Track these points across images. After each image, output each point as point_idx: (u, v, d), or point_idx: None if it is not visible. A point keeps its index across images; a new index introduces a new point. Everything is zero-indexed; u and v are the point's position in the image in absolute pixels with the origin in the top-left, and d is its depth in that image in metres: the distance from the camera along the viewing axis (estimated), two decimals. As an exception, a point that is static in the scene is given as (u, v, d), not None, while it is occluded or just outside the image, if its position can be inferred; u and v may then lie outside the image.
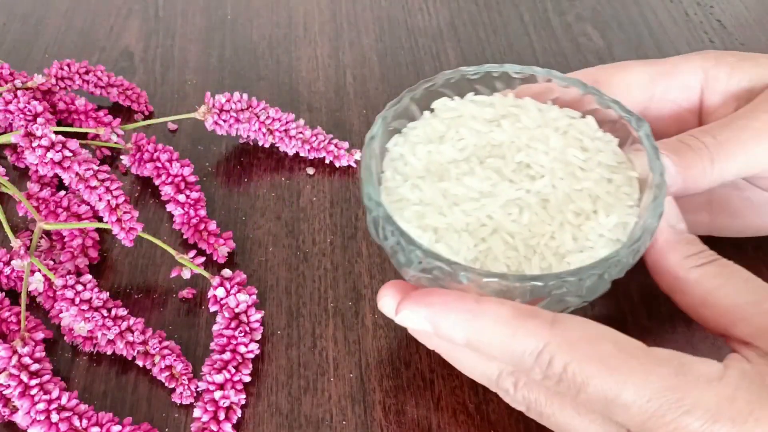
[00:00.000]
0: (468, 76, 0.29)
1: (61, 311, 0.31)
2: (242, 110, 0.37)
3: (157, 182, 0.35)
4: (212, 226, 0.34)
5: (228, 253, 0.34)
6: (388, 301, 0.24)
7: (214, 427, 0.28)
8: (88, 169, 0.31)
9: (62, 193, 0.34)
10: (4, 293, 0.31)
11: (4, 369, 0.27)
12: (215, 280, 0.31)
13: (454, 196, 0.25)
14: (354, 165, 0.38)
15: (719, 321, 0.23)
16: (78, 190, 0.31)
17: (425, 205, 0.25)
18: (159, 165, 0.35)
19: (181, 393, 0.29)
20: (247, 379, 0.29)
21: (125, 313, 0.30)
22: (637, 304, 0.33)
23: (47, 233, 0.33)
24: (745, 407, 0.20)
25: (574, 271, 0.23)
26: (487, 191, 0.25)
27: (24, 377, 0.27)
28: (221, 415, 0.28)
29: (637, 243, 0.24)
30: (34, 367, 0.28)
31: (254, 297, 0.31)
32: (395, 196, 0.26)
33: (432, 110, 0.29)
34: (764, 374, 0.21)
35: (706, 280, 0.24)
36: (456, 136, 0.27)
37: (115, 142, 0.36)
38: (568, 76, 0.29)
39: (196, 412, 0.28)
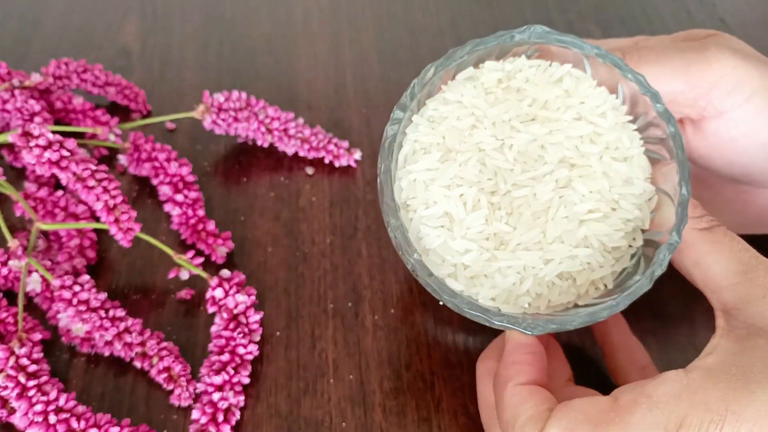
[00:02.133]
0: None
1: (58, 312, 0.30)
2: (241, 109, 0.37)
3: (155, 182, 0.35)
4: (211, 226, 0.34)
5: (226, 253, 0.34)
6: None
7: (212, 429, 0.27)
8: (86, 169, 0.31)
9: (60, 192, 0.34)
10: (1, 294, 0.31)
11: (2, 370, 0.27)
12: (214, 281, 0.31)
13: (533, 238, 0.24)
14: (354, 165, 0.38)
15: (708, 284, 0.24)
16: (75, 189, 0.31)
17: (529, 270, 0.24)
18: (157, 164, 0.35)
19: (180, 394, 0.29)
20: (246, 380, 0.29)
21: (123, 314, 0.30)
22: (641, 306, 0.32)
23: (45, 233, 0.33)
24: (719, 405, 0.20)
25: (565, 318, 0.24)
26: (540, 207, 0.24)
27: (22, 378, 0.27)
28: (220, 417, 0.28)
29: (631, 289, 0.24)
30: (32, 368, 0.28)
31: (253, 298, 0.31)
32: (503, 295, 0.24)
33: (402, 205, 0.25)
34: (729, 363, 0.21)
35: (702, 243, 0.24)
36: (456, 202, 0.24)
37: (113, 142, 0.36)
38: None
39: (195, 414, 0.28)
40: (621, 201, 0.24)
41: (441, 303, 0.24)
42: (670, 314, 0.32)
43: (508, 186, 0.24)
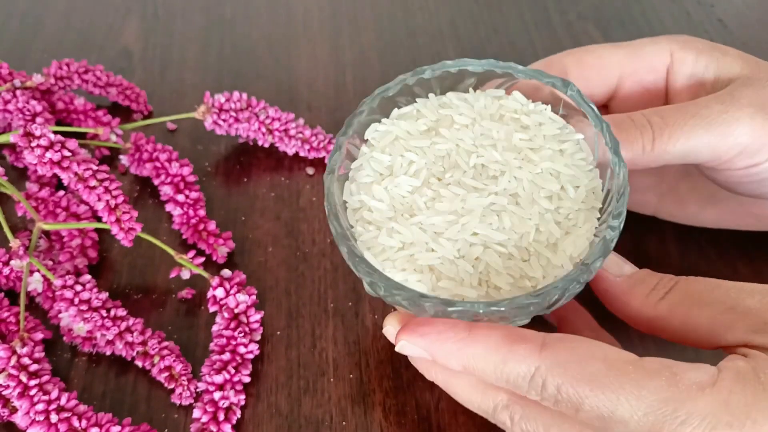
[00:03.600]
0: (424, 76, 0.28)
1: (60, 311, 0.30)
2: (241, 110, 0.37)
3: (156, 182, 0.35)
4: (211, 226, 0.34)
5: (227, 253, 0.34)
6: (390, 331, 0.24)
7: (213, 428, 0.28)
8: (87, 169, 0.31)
9: (61, 193, 0.34)
10: (3, 293, 0.31)
11: (4, 369, 0.27)
12: (214, 281, 0.31)
13: (433, 226, 0.25)
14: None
15: (709, 340, 0.23)
16: (77, 190, 0.31)
17: (410, 246, 0.24)
18: (158, 165, 0.35)
19: (181, 393, 0.29)
20: (247, 379, 0.29)
21: (124, 313, 0.30)
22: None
23: (46, 233, 0.33)
24: (741, 410, 0.20)
25: (535, 293, 0.23)
26: (461, 209, 0.25)
27: (23, 378, 0.27)
28: (221, 416, 0.28)
29: (596, 260, 0.23)
30: (34, 367, 0.28)
31: (254, 297, 0.31)
32: (377, 248, 0.25)
33: (366, 141, 0.28)
34: (758, 369, 0.21)
35: (676, 308, 0.24)
36: (404, 162, 0.26)
37: (114, 142, 0.36)
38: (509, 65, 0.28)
39: (196, 413, 0.28)
40: (532, 258, 0.24)
41: (332, 235, 0.25)
42: (669, 314, 0.32)
43: (451, 179, 0.25)
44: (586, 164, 0.26)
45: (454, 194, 0.25)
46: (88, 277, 0.30)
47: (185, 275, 0.32)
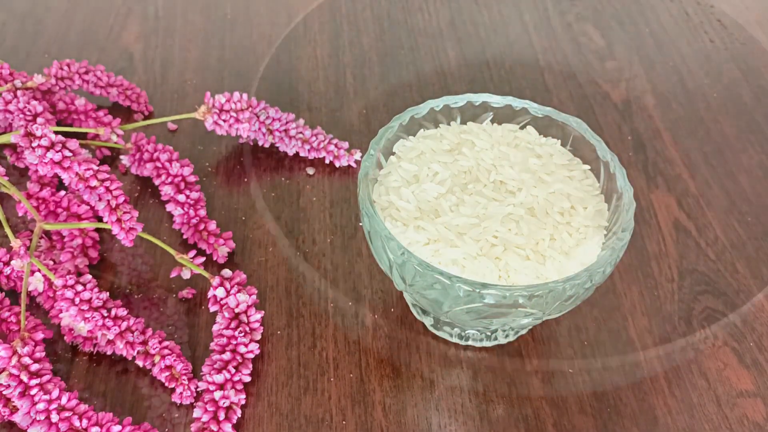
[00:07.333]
0: (451, 105, 0.31)
1: (61, 311, 0.31)
2: (242, 110, 0.37)
3: (156, 182, 0.35)
4: (212, 226, 0.34)
5: (228, 253, 0.34)
6: None
7: (214, 427, 0.28)
8: (88, 169, 0.31)
9: (62, 193, 0.34)
10: (4, 293, 0.31)
11: (4, 369, 0.27)
12: (215, 280, 0.31)
13: (457, 227, 0.27)
14: (354, 165, 0.38)
15: None
16: (78, 190, 0.31)
17: (435, 242, 0.27)
18: (159, 165, 0.35)
19: (181, 393, 0.29)
20: (247, 379, 0.29)
21: (125, 313, 0.30)
22: (636, 305, 0.33)
23: (47, 233, 0.33)
24: None
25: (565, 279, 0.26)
26: (483, 214, 0.27)
27: (24, 377, 0.27)
28: (221, 415, 0.28)
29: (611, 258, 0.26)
30: (34, 367, 0.28)
31: (254, 297, 0.31)
32: (404, 242, 0.27)
33: (394, 153, 0.31)
34: None
35: None
36: (429, 173, 0.29)
37: (115, 142, 0.36)
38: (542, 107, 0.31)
39: (196, 412, 0.28)
40: (548, 262, 0.26)
41: (360, 224, 0.27)
42: (667, 314, 0.33)
43: (473, 190, 0.28)
44: (593, 189, 0.29)
45: (476, 201, 0.28)
46: (88, 276, 0.30)
47: (186, 275, 0.32)
